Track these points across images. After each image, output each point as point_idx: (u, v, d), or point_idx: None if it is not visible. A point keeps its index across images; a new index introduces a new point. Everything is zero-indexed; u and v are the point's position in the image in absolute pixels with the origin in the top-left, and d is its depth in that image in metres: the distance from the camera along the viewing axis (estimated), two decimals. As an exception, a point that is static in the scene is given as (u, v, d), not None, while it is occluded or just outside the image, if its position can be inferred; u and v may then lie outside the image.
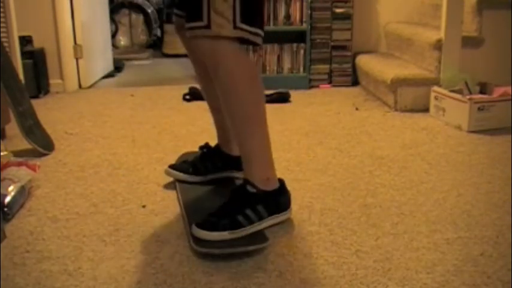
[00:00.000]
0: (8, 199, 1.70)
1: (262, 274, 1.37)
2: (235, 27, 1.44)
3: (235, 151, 1.82)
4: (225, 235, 1.46)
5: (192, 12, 1.48)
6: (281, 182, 1.62)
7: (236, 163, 1.73)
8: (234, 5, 1.43)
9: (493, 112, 2.65)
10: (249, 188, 1.53)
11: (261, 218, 1.53)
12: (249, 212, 1.50)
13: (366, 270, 1.38)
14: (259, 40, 1.51)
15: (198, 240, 1.46)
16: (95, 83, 3.92)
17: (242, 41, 1.48)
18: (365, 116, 2.96)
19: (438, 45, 2.96)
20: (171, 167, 1.93)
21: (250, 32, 1.47)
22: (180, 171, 1.91)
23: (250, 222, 1.50)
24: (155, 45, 5.63)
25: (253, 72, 1.55)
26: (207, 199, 1.78)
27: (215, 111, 1.85)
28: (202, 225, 1.47)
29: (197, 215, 1.56)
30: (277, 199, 1.60)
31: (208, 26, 1.43)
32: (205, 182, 1.89)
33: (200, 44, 1.49)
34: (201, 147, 1.94)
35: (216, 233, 1.46)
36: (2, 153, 2.08)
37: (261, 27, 1.52)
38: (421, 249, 1.49)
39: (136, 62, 4.92)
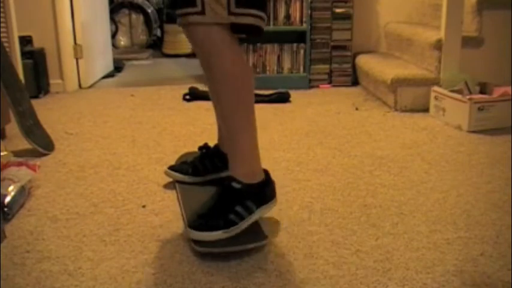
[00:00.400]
0: (8, 199, 1.70)
1: (262, 274, 1.37)
2: (229, 12, 1.41)
3: None
4: (219, 234, 1.46)
5: None
6: (265, 172, 1.62)
7: None
8: None
9: (493, 112, 2.65)
10: (235, 185, 1.52)
11: (250, 212, 1.52)
12: (238, 208, 1.50)
13: (366, 270, 1.38)
14: (262, 23, 1.46)
15: (197, 241, 1.46)
16: (95, 83, 3.92)
17: (241, 27, 1.44)
18: (365, 116, 2.96)
19: (438, 45, 2.96)
20: (171, 168, 1.93)
21: (249, 15, 1.43)
22: (180, 172, 1.91)
23: (241, 218, 1.50)
24: (155, 45, 5.63)
25: (245, 66, 1.54)
26: (207, 199, 1.78)
27: (216, 107, 1.84)
28: (196, 227, 1.47)
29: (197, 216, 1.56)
30: (263, 190, 1.59)
31: (202, 12, 1.40)
32: (205, 182, 1.89)
33: (193, 31, 1.46)
34: (200, 148, 1.94)
35: (210, 233, 1.46)
36: (2, 153, 2.08)
37: (262, 7, 1.47)
38: (421, 249, 1.49)
39: (136, 62, 4.92)
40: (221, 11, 1.40)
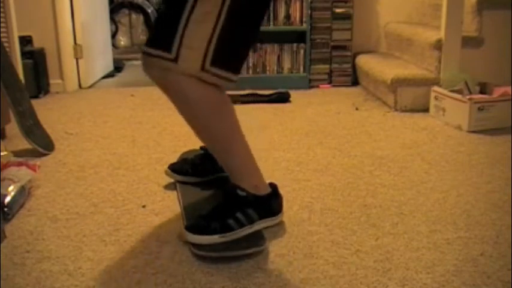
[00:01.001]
0: (8, 199, 1.70)
1: (262, 274, 1.37)
2: (202, 69, 1.35)
3: None
4: (215, 239, 1.45)
5: (160, 38, 1.38)
6: (273, 186, 1.62)
7: None
8: (209, 44, 1.33)
9: (493, 112, 2.65)
10: (239, 192, 1.51)
11: (251, 222, 1.51)
12: (239, 215, 1.49)
13: (366, 270, 1.38)
14: (228, 84, 1.41)
15: (196, 244, 1.46)
16: (95, 83, 3.92)
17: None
18: (365, 116, 2.96)
19: (438, 45, 2.96)
20: (171, 168, 1.93)
21: (220, 77, 1.38)
22: (179, 173, 1.90)
23: (241, 225, 1.49)
24: (155, 45, 5.62)
25: (218, 98, 1.45)
26: (207, 201, 1.78)
27: None
28: (192, 229, 1.47)
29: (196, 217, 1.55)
30: (268, 203, 1.58)
31: (175, 60, 1.34)
32: (204, 182, 1.89)
33: (159, 74, 1.40)
34: (202, 147, 1.94)
35: (206, 236, 1.45)
36: (2, 153, 2.08)
37: (236, 71, 1.41)
38: (421, 249, 1.49)
39: (136, 62, 4.92)
40: (195, 64, 1.34)
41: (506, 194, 1.86)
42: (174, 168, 1.92)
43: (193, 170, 1.89)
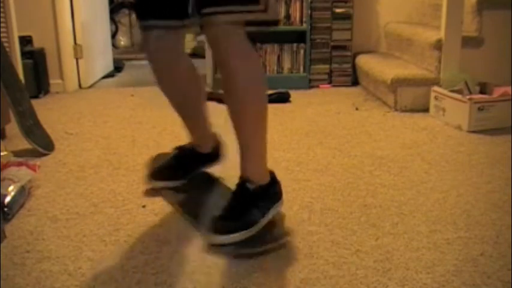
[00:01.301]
0: (8, 199, 1.70)
1: (262, 274, 1.37)
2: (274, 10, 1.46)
3: (208, 149, 1.89)
4: (240, 236, 1.46)
5: None
6: (270, 172, 1.63)
7: (208, 159, 1.88)
8: None
9: (493, 112, 2.65)
10: (249, 186, 1.53)
11: (264, 213, 1.53)
12: (254, 210, 1.51)
13: (366, 270, 1.38)
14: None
15: (218, 244, 1.47)
16: (95, 83, 3.92)
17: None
18: (365, 116, 2.96)
19: (438, 45, 2.96)
20: (151, 176, 1.87)
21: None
22: (161, 179, 1.86)
23: (258, 218, 1.51)
24: (155, 45, 5.62)
25: (262, 70, 1.59)
26: (207, 201, 1.78)
27: (187, 114, 1.82)
28: (217, 231, 1.47)
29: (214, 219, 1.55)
30: (273, 190, 1.61)
31: (265, 10, 1.41)
32: (188, 181, 1.87)
33: (232, 30, 1.40)
34: (177, 148, 1.92)
35: (232, 235, 1.46)
36: (2, 153, 2.08)
37: None
38: (421, 249, 1.49)
39: (136, 62, 4.92)
40: (276, 8, 1.45)
41: (506, 194, 1.86)
42: (155, 177, 1.87)
43: (174, 175, 1.86)
